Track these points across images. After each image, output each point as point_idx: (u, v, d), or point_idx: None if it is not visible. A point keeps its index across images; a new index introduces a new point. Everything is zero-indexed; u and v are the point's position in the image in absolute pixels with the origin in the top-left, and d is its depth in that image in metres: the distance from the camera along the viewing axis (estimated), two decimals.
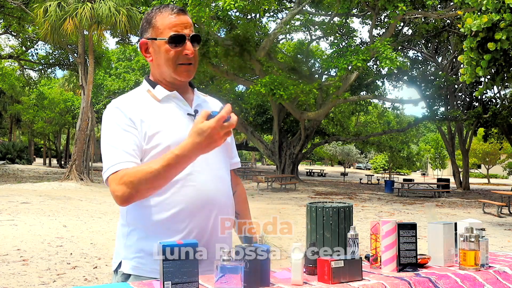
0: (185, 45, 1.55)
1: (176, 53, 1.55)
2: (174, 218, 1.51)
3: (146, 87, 1.64)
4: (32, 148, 43.79)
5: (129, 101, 1.58)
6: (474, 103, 26.54)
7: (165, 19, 1.56)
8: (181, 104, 1.61)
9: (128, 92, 1.65)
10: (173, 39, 1.54)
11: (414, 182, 24.01)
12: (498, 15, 9.34)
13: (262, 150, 27.81)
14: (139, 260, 1.53)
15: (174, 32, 1.54)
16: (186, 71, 1.58)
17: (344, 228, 5.64)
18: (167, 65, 1.57)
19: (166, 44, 1.55)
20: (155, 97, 1.59)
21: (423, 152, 52.13)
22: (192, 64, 1.59)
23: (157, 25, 1.57)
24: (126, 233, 1.59)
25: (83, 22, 17.96)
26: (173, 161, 1.38)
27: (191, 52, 1.56)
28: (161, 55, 1.57)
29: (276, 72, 21.55)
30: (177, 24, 1.55)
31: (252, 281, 1.31)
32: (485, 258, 1.70)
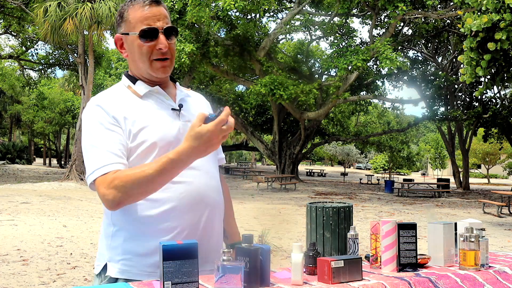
0: (158, 39, 1.46)
1: (150, 48, 1.47)
2: (163, 217, 1.44)
3: (126, 83, 1.56)
4: (32, 148, 43.78)
5: (110, 98, 1.50)
6: (474, 103, 26.54)
7: (136, 12, 1.47)
8: (164, 99, 1.53)
9: (108, 89, 1.57)
10: (145, 33, 1.46)
11: (414, 182, 24.01)
12: (498, 15, 9.34)
13: (262, 150, 27.81)
14: (127, 262, 1.45)
15: (146, 26, 1.46)
16: (162, 67, 1.50)
17: (344, 228, 5.64)
18: (141, 61, 1.49)
19: (138, 39, 1.47)
20: (136, 93, 1.52)
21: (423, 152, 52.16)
22: (168, 59, 1.50)
23: (129, 19, 1.49)
24: (111, 233, 1.49)
25: (83, 22, 17.96)
26: (169, 165, 1.32)
27: (164, 46, 1.47)
28: (135, 50, 1.49)
29: (276, 72, 21.55)
30: (148, 17, 1.46)
31: (252, 281, 1.31)
32: (485, 258, 1.70)
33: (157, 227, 1.44)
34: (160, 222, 1.44)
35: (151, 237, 1.44)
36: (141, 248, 1.45)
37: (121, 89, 1.55)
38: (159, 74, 1.51)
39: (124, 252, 1.46)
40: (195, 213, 1.48)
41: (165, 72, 1.51)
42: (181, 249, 1.23)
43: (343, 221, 5.69)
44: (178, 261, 1.22)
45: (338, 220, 5.66)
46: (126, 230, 1.46)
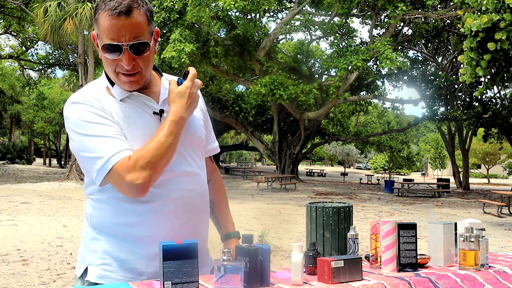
0: (122, 56, 1.34)
1: (114, 62, 1.36)
2: (142, 224, 1.40)
3: (105, 83, 1.46)
4: (32, 148, 43.79)
5: (91, 96, 1.41)
6: (474, 103, 26.54)
7: (104, 19, 1.33)
8: (145, 101, 1.44)
9: (85, 87, 1.47)
10: (107, 48, 1.35)
11: (414, 182, 24.01)
12: (498, 15, 9.34)
13: (262, 150, 27.81)
14: (106, 267, 1.40)
15: (109, 41, 1.33)
16: (128, 81, 1.39)
17: (344, 228, 5.64)
18: (108, 70, 1.40)
19: (103, 52, 1.37)
20: (114, 96, 1.42)
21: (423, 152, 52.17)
22: (136, 73, 1.38)
23: (99, 23, 1.36)
24: (91, 236, 1.45)
25: (83, 22, 17.96)
26: (174, 127, 1.36)
27: (126, 65, 1.34)
28: (103, 58, 1.39)
29: (276, 72, 21.56)
30: (113, 30, 1.33)
31: (252, 281, 1.31)
32: (485, 258, 1.70)
33: (136, 234, 1.40)
34: (139, 230, 1.40)
35: (131, 243, 1.40)
36: (120, 254, 1.40)
37: (100, 88, 1.45)
38: (126, 87, 1.41)
39: (103, 256, 1.41)
40: (176, 221, 1.43)
41: (132, 87, 1.40)
42: (181, 249, 1.23)
43: (343, 221, 5.69)
44: (178, 261, 1.22)
45: (338, 220, 5.66)
46: (106, 234, 1.42)
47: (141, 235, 1.40)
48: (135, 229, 1.40)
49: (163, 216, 1.41)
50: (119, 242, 1.41)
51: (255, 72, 23.74)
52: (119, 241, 1.41)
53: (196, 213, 1.49)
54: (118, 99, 1.42)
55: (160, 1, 18.10)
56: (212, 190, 1.66)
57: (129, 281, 1.38)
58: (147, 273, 1.41)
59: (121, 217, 1.40)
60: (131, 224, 1.40)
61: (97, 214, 1.44)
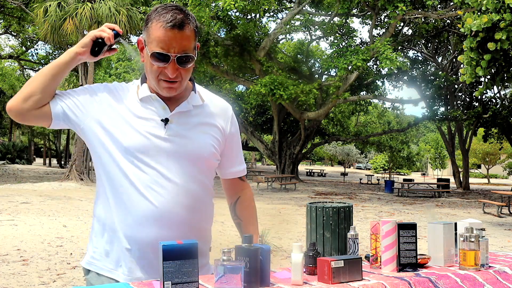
0: (169, 64, 1.45)
1: (159, 69, 1.47)
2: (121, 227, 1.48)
3: (138, 82, 1.60)
4: (32, 148, 43.79)
5: (119, 86, 1.59)
6: (474, 103, 26.55)
7: (157, 29, 1.44)
8: (159, 108, 1.53)
9: (124, 82, 1.63)
10: (155, 56, 1.45)
11: (414, 182, 24.01)
12: (498, 15, 9.34)
13: (262, 150, 27.82)
14: (94, 255, 1.55)
15: (159, 50, 1.44)
16: (168, 87, 1.49)
17: (344, 228, 5.64)
18: (150, 74, 1.51)
19: (150, 57, 1.47)
20: (138, 94, 1.55)
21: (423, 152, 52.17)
22: (176, 81, 1.50)
23: (150, 32, 1.47)
24: (91, 225, 1.61)
25: (83, 22, 17.96)
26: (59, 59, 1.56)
27: (172, 73, 1.46)
28: (147, 63, 1.50)
29: (276, 72, 21.56)
30: (164, 41, 1.43)
31: (252, 281, 1.31)
32: (485, 258, 1.70)
33: (116, 234, 1.50)
34: (118, 230, 1.49)
35: (112, 240, 1.51)
36: (104, 245, 1.52)
37: (132, 85, 1.60)
38: (164, 93, 1.52)
39: (94, 245, 1.55)
40: (151, 230, 1.46)
41: (170, 93, 1.51)
42: (181, 249, 1.23)
43: (343, 221, 5.68)
44: (178, 261, 1.22)
45: (338, 220, 5.66)
46: (98, 225, 1.55)
47: (117, 237, 1.49)
48: (114, 230, 1.50)
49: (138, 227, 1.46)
50: (103, 235, 1.53)
51: (255, 72, 23.74)
52: (103, 234, 1.53)
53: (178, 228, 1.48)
54: (139, 98, 1.53)
55: (160, 1, 18.09)
56: (239, 209, 1.76)
57: (110, 271, 1.51)
58: (126, 265, 1.49)
59: (107, 217, 1.52)
60: (113, 225, 1.50)
61: (98, 206, 1.57)
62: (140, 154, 1.47)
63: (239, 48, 21.26)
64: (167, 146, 1.49)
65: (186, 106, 1.55)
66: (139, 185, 1.46)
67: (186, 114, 1.55)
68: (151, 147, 1.48)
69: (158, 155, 1.48)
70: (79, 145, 20.16)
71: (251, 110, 34.09)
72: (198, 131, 1.55)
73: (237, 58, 22.00)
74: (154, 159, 1.48)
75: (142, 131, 1.49)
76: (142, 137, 1.48)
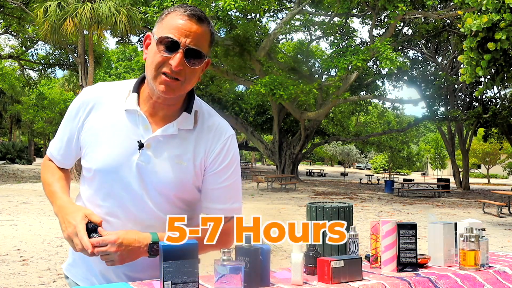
0: (174, 55, 1.28)
1: (163, 59, 1.30)
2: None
3: (131, 86, 1.43)
4: (32, 148, 43.76)
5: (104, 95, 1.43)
6: (474, 103, 26.55)
7: (173, 17, 1.31)
8: (141, 125, 1.37)
9: (119, 82, 1.48)
10: (164, 42, 1.29)
11: (414, 182, 24.01)
12: (498, 15, 9.34)
13: (262, 150, 27.81)
14: (71, 261, 1.56)
15: (169, 35, 1.29)
16: (165, 83, 1.30)
17: None
18: (150, 68, 1.33)
19: (157, 45, 1.31)
20: (125, 103, 1.40)
21: (423, 152, 52.14)
22: (178, 80, 1.31)
23: (164, 22, 1.33)
24: None
25: (83, 22, 17.96)
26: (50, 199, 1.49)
27: (175, 65, 1.28)
28: (150, 55, 1.34)
29: (276, 72, 21.57)
30: (178, 28, 1.29)
31: (252, 281, 1.31)
32: (485, 258, 1.70)
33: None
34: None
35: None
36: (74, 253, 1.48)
37: (123, 89, 1.44)
38: (159, 90, 1.32)
39: (72, 251, 1.51)
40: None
41: (165, 92, 1.32)
42: (181, 249, 1.23)
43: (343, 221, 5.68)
44: (178, 261, 1.22)
45: (338, 220, 5.65)
46: None
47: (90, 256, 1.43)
48: None
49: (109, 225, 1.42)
50: None
51: (255, 72, 23.74)
52: None
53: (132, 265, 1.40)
54: (124, 108, 1.39)
55: (160, 1, 18.10)
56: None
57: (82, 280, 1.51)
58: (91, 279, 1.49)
59: None
60: None
61: None
62: (110, 177, 1.38)
63: (239, 48, 21.26)
64: (136, 173, 1.36)
65: (170, 130, 1.38)
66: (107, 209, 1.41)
67: (167, 139, 1.38)
68: (121, 172, 1.37)
69: (129, 182, 1.37)
70: None
71: (251, 110, 34.09)
72: (175, 162, 1.37)
73: (237, 58, 21.99)
74: (123, 184, 1.38)
75: (115, 153, 1.37)
76: (113, 160, 1.37)
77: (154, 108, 1.39)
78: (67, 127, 1.49)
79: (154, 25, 1.39)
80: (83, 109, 1.44)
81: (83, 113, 1.43)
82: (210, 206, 1.45)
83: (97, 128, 1.40)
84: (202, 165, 1.41)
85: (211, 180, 1.43)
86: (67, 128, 1.49)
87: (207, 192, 1.45)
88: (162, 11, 1.45)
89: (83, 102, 1.45)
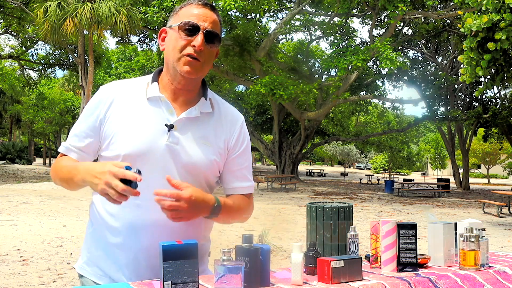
0: (196, 37, 1.42)
1: (185, 42, 1.43)
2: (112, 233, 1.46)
3: (148, 79, 1.53)
4: (32, 148, 43.77)
5: (121, 90, 1.50)
6: (474, 103, 26.55)
7: (189, 8, 1.47)
8: (166, 111, 1.46)
9: (134, 79, 1.57)
10: (185, 26, 1.43)
11: (414, 182, 24.01)
12: (498, 15, 9.34)
13: (262, 150, 27.81)
14: (86, 260, 1.55)
15: (190, 20, 1.44)
16: (189, 64, 1.43)
17: (344, 228, 5.64)
18: (173, 53, 1.45)
19: (178, 31, 1.44)
20: (146, 93, 1.49)
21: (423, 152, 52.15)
22: (198, 60, 1.44)
23: (179, 13, 1.47)
24: (87, 228, 1.61)
25: (83, 22, 17.96)
26: (69, 173, 1.42)
27: (198, 45, 1.41)
28: (171, 42, 1.46)
29: (276, 72, 21.56)
30: (196, 15, 1.44)
31: (252, 281, 1.31)
32: (485, 258, 1.70)
33: (109, 240, 1.47)
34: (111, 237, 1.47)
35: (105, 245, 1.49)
36: (96, 251, 1.51)
37: (141, 83, 1.53)
38: (183, 70, 1.44)
39: (88, 250, 1.55)
40: (139, 239, 1.43)
41: (189, 72, 1.44)
42: (181, 249, 1.23)
43: (343, 221, 5.68)
44: (178, 261, 1.22)
45: (338, 220, 5.66)
46: (94, 230, 1.54)
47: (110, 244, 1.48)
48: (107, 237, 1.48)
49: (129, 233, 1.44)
50: (96, 243, 1.52)
51: (255, 72, 23.74)
52: (100, 240, 1.51)
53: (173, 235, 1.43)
54: (147, 97, 1.48)
55: (160, 1, 18.10)
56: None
57: (99, 277, 1.50)
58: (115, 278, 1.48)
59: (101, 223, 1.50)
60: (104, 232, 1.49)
61: (92, 211, 1.57)
62: (139, 161, 1.41)
63: (239, 48, 21.26)
64: (167, 154, 1.43)
65: (193, 112, 1.49)
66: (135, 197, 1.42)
67: (192, 121, 1.49)
68: (151, 155, 1.43)
69: (157, 163, 1.43)
70: None
71: (251, 110, 34.09)
72: (200, 142, 1.48)
73: (237, 58, 21.99)
74: (153, 167, 1.42)
75: (144, 137, 1.43)
76: (142, 144, 1.42)
77: (174, 94, 1.50)
78: (87, 121, 1.50)
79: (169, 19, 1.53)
80: (104, 103, 1.48)
81: (104, 106, 1.48)
82: (236, 186, 1.57)
83: (121, 118, 1.46)
84: (226, 147, 1.54)
85: (236, 162, 1.56)
86: (87, 122, 1.50)
87: (233, 173, 1.57)
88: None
89: (102, 97, 1.50)
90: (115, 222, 1.45)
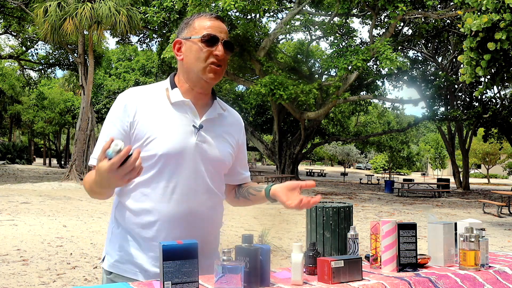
0: (217, 47, 1.58)
1: (208, 53, 1.57)
2: (147, 227, 1.54)
3: (166, 85, 1.65)
4: (32, 148, 43.77)
5: (143, 95, 1.60)
6: (474, 103, 26.54)
7: (202, 21, 1.61)
8: (190, 113, 1.61)
9: (149, 85, 1.68)
10: (207, 38, 1.58)
11: (414, 182, 24.01)
12: (498, 15, 9.34)
13: (262, 150, 27.81)
14: (118, 258, 1.59)
15: (210, 32, 1.59)
16: (214, 71, 1.59)
17: (344, 228, 5.64)
18: (197, 63, 1.59)
19: (199, 43, 1.58)
20: (169, 98, 1.61)
21: (423, 152, 52.18)
22: (221, 66, 1.61)
23: (194, 26, 1.61)
24: (111, 228, 1.64)
25: (83, 22, 17.96)
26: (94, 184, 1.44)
27: (221, 54, 1.58)
28: (193, 53, 1.59)
29: (276, 72, 21.55)
30: (212, 27, 1.60)
31: (252, 281, 1.31)
32: (485, 258, 1.70)
33: (143, 235, 1.55)
34: (144, 232, 1.55)
35: (139, 241, 1.56)
36: (130, 248, 1.57)
37: (160, 89, 1.64)
38: (209, 78, 1.59)
39: (119, 249, 1.59)
40: (178, 230, 1.54)
41: (215, 78, 1.60)
42: (181, 249, 1.23)
43: (343, 221, 5.68)
44: (178, 261, 1.22)
45: (338, 220, 5.66)
46: (122, 229, 1.59)
47: (145, 238, 1.55)
48: (141, 231, 1.56)
49: (168, 226, 1.54)
50: (131, 239, 1.57)
51: (255, 72, 23.73)
52: (132, 238, 1.57)
53: (206, 224, 1.60)
54: (172, 101, 1.60)
55: (160, 1, 18.10)
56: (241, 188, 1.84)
57: (135, 274, 1.56)
58: (151, 271, 1.55)
59: (132, 219, 1.57)
60: (139, 227, 1.56)
61: (119, 212, 1.62)
62: (174, 159, 1.54)
63: (239, 48, 21.26)
64: (197, 152, 1.58)
65: (213, 113, 1.66)
66: (171, 187, 1.54)
67: (212, 122, 1.65)
68: (183, 153, 1.56)
69: (190, 160, 1.57)
70: (79, 145, 20.16)
71: (251, 110, 34.10)
72: (221, 139, 1.66)
73: (237, 58, 21.99)
74: (185, 163, 1.56)
75: (177, 138, 1.55)
76: (177, 144, 1.55)
77: (195, 99, 1.64)
78: (115, 126, 1.56)
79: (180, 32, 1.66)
80: (130, 107, 1.57)
81: (132, 110, 1.57)
82: (248, 174, 1.86)
83: (150, 121, 1.56)
84: (237, 142, 1.75)
85: (242, 156, 1.81)
86: (116, 127, 1.56)
87: (241, 161, 1.81)
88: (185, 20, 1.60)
89: (127, 102, 1.58)
90: (152, 217, 1.53)
